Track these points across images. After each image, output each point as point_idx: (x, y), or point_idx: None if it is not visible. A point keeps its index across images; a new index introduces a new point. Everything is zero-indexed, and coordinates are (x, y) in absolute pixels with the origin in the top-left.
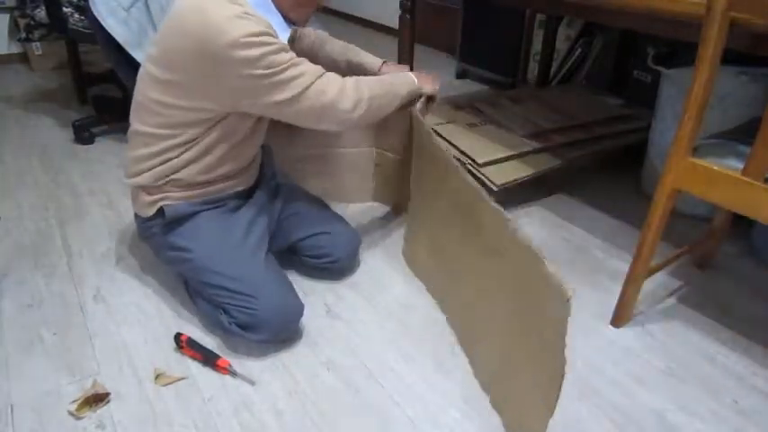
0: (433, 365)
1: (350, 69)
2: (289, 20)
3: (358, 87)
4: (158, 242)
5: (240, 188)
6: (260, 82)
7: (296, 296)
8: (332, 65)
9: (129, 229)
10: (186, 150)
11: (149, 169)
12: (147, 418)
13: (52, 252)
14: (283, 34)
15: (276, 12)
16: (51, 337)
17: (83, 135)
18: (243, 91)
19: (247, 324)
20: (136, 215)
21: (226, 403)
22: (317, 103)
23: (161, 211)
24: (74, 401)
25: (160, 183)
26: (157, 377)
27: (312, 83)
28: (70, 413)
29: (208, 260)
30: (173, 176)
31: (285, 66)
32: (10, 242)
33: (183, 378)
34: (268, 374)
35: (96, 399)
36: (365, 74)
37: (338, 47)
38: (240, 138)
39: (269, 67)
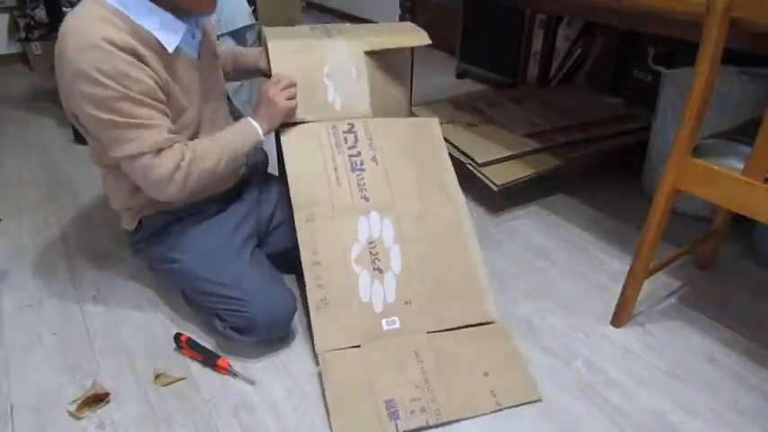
0: None
1: (235, 64)
2: (184, 11)
3: (190, 169)
4: (147, 256)
5: (217, 192)
6: (99, 125)
7: (286, 292)
8: (223, 63)
9: None
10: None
11: (114, 193)
12: (146, 418)
13: (52, 252)
14: (173, 36)
15: (160, 10)
16: (51, 337)
17: (83, 135)
18: (93, 131)
19: (241, 327)
20: (124, 230)
21: (226, 403)
22: (142, 175)
23: (141, 223)
24: (74, 401)
25: (132, 203)
26: (157, 377)
27: (142, 154)
28: (70, 413)
29: (194, 268)
30: (138, 199)
31: (122, 120)
32: (10, 242)
33: (182, 378)
34: (268, 374)
35: (96, 399)
36: (247, 65)
37: (226, 47)
38: None
39: (108, 112)
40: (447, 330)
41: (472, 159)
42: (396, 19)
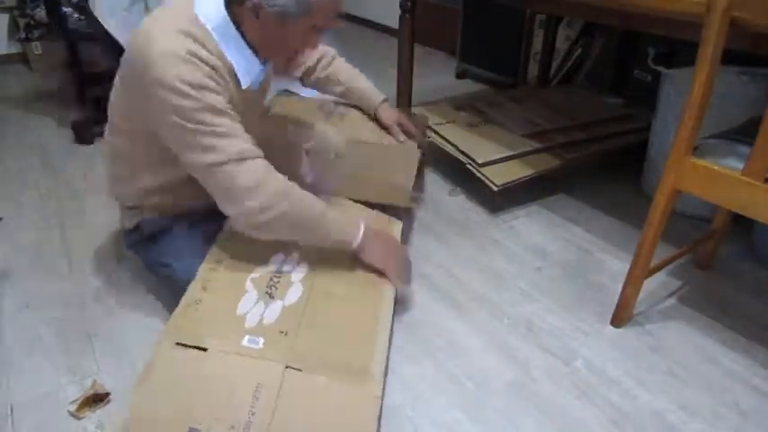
0: (434, 365)
1: (348, 96)
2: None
3: (280, 194)
4: (142, 257)
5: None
6: (180, 134)
7: None
8: (331, 85)
9: None
10: (151, 173)
11: (123, 188)
12: None
13: (52, 252)
14: (249, 73)
15: (245, 46)
16: (51, 337)
17: (83, 135)
18: (167, 137)
19: None
20: (122, 228)
21: None
22: (223, 185)
23: (140, 224)
24: (74, 401)
25: (137, 202)
26: None
27: (225, 162)
28: (70, 413)
29: (185, 274)
30: (146, 200)
31: (206, 129)
32: (10, 242)
33: None
34: None
35: (96, 399)
36: (363, 104)
37: (345, 69)
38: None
39: (191, 122)
40: (308, 373)
41: (472, 159)
42: (396, 19)
